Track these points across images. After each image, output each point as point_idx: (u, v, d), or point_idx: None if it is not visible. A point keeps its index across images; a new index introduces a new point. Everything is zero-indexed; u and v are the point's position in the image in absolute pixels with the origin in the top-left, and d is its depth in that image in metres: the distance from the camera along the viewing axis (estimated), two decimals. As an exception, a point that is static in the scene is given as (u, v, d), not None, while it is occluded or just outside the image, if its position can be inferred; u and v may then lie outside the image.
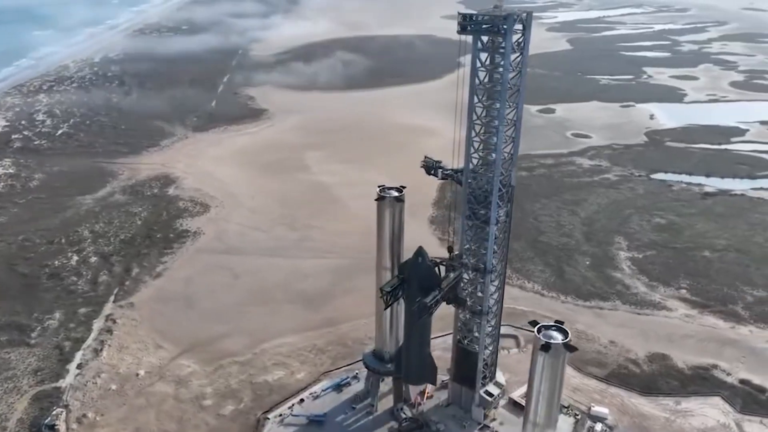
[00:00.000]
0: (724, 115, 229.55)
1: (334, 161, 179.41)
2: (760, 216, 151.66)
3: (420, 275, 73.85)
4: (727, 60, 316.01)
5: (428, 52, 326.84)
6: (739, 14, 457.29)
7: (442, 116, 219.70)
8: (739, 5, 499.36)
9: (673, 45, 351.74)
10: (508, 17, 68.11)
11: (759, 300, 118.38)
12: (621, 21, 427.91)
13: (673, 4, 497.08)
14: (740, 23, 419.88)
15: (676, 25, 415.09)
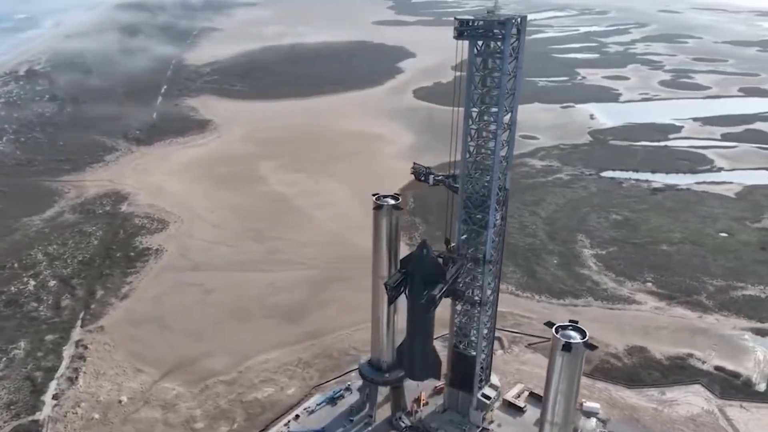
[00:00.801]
0: (658, 113, 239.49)
1: (289, 171, 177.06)
2: (708, 209, 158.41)
3: (425, 268, 73.36)
4: (652, 60, 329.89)
5: (366, 58, 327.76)
6: (656, 16, 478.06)
7: (391, 122, 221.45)
8: (654, 8, 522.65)
9: (600, 46, 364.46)
10: (506, 22, 68.64)
11: (719, 289, 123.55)
12: (548, 24, 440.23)
13: (594, 7, 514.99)
14: (659, 25, 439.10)
15: (600, 27, 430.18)
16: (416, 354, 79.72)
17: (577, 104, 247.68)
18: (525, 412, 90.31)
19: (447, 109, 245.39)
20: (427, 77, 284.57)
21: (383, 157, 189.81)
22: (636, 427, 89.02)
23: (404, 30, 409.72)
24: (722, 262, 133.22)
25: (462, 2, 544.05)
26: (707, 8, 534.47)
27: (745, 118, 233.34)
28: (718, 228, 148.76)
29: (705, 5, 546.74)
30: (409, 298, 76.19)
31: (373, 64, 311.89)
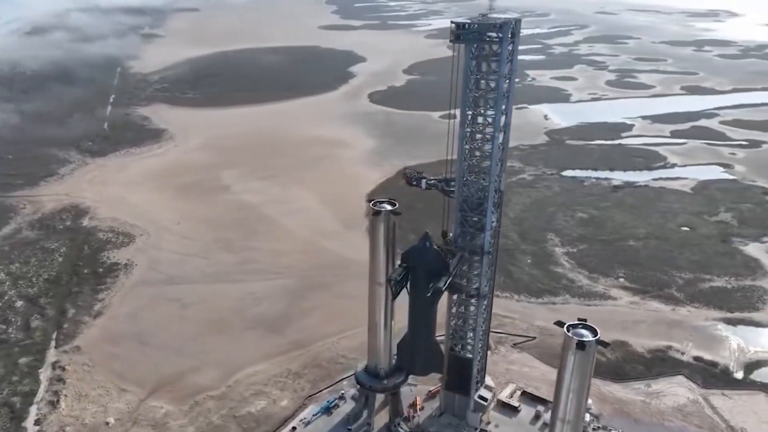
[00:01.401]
0: (608, 112, 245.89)
1: (252, 179, 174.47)
2: (667, 204, 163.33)
3: (428, 261, 73.17)
4: (596, 60, 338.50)
5: (317, 63, 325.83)
6: (594, 18, 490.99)
7: (350, 127, 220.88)
8: (592, 9, 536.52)
9: (545, 48, 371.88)
10: (504, 25, 69.24)
11: (688, 282, 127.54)
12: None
13: (535, 9, 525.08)
14: (598, 26, 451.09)
15: (542, 29, 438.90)
16: (418, 349, 79.25)
17: (530, 105, 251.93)
18: (519, 411, 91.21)
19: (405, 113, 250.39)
20: (381, 81, 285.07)
21: (347, 162, 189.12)
22: (627, 421, 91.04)
23: (351, 34, 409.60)
24: (687, 256, 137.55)
25: (405, 6, 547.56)
26: (641, 10, 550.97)
27: (690, 116, 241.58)
28: (679, 222, 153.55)
29: (639, 7, 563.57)
30: (412, 292, 75.72)
31: (324, 68, 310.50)
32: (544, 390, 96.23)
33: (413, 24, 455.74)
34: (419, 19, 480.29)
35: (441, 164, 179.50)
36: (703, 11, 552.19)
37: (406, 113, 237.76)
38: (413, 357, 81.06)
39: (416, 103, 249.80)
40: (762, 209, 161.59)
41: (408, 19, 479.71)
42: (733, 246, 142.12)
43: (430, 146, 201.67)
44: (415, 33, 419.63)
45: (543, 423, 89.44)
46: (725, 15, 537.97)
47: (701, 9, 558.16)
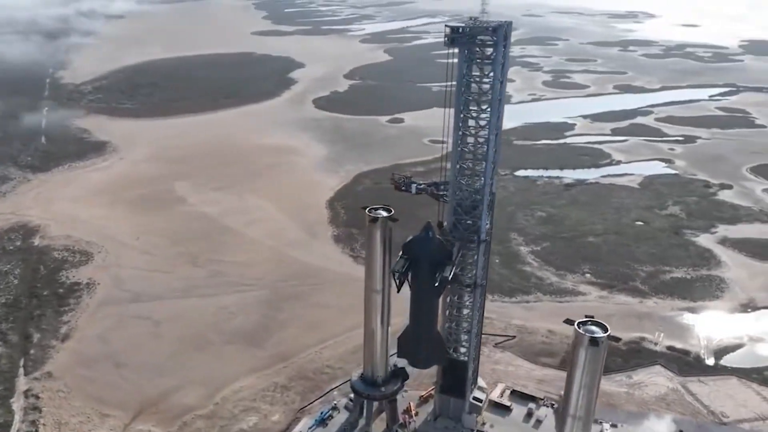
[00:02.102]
0: (549, 112, 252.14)
1: (207, 190, 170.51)
2: (618, 200, 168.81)
3: (431, 251, 73.06)
4: (531, 62, 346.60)
5: (255, 69, 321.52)
6: (523, 20, 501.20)
7: (299, 134, 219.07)
8: (519, 12, 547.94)
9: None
10: (499, 28, 70.17)
11: (650, 274, 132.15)
12: (425, 30, 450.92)
13: (463, 12, 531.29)
14: (527, 28, 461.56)
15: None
16: (421, 341, 78.82)
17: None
18: (512, 410, 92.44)
19: (352, 118, 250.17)
20: (323, 87, 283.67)
21: (301, 170, 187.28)
22: (616, 413, 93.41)
23: (285, 40, 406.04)
24: (645, 249, 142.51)
25: (336, 11, 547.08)
26: (565, 12, 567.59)
27: (627, 114, 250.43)
28: (633, 217, 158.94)
29: (562, 9, 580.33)
30: (415, 284, 75.23)
31: (263, 75, 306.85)
32: (532, 387, 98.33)
33: (347, 29, 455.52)
34: (352, 23, 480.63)
35: (396, 168, 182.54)
36: (622, 13, 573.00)
37: (354, 118, 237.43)
38: (416, 350, 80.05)
39: (362, 107, 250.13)
40: (707, 202, 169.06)
41: (341, 23, 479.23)
42: (686, 238, 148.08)
43: (382, 151, 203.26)
44: (349, 38, 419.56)
45: (536, 420, 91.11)
46: (643, 16, 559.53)
47: (621, 11, 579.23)
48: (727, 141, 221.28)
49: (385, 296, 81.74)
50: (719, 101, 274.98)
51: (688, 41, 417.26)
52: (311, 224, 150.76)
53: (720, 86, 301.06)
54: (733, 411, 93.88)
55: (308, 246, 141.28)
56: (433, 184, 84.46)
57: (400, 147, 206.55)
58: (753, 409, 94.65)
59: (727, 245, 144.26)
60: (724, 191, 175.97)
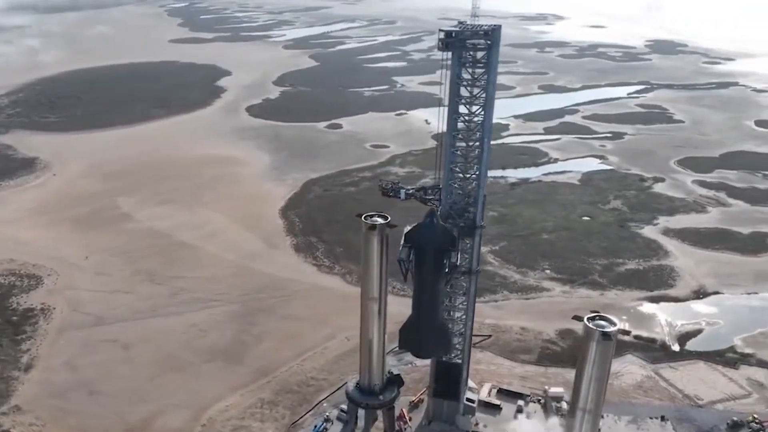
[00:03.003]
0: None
1: (152, 205, 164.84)
2: (563, 197, 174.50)
3: (436, 238, 72.83)
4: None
5: (179, 78, 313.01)
6: (440, 24, 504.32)
7: (239, 143, 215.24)
8: (434, 16, 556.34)
9: (404, 55, 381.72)
10: (493, 31, 71.42)
11: (605, 267, 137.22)
12: (347, 35, 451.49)
13: (381, 17, 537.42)
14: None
15: (394, 36, 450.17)
16: (425, 331, 78.61)
17: (408, 111, 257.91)
18: (502, 409, 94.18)
19: (290, 125, 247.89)
20: (253, 94, 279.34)
21: (247, 180, 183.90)
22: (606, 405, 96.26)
23: (207, 47, 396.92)
24: (596, 243, 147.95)
25: (253, 17, 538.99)
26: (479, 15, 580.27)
27: (555, 113, 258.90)
28: (579, 213, 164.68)
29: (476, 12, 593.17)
30: (419, 272, 74.95)
31: (190, 84, 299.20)
32: (517, 384, 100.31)
33: (267, 35, 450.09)
34: (271, 29, 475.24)
35: (342, 174, 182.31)
36: (532, 15, 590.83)
37: (291, 125, 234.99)
38: (420, 340, 79.55)
39: (297, 114, 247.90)
40: (644, 195, 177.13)
41: (260, 30, 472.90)
42: (632, 230, 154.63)
43: (326, 157, 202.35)
44: (272, 44, 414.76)
45: (526, 417, 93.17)
46: (553, 18, 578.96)
47: (531, 13, 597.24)
48: (651, 136, 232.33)
49: (382, 304, 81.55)
50: (637, 98, 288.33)
51: (598, 42, 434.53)
52: (269, 235, 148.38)
53: (635, 84, 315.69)
54: (705, 393, 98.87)
55: (269, 257, 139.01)
56: (421, 189, 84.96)
57: (343, 153, 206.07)
58: (723, 390, 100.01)
59: (671, 235, 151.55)
60: (658, 184, 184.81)
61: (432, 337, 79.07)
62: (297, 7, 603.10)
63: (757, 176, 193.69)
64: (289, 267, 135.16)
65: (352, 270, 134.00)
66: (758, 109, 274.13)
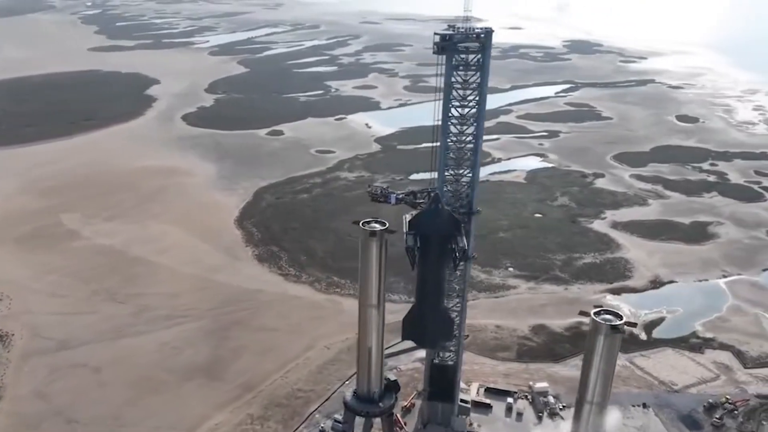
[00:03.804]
0: (419, 116, 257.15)
1: (99, 221, 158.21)
2: (512, 195, 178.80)
3: (441, 224, 73.22)
4: (385, 68, 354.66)
5: (106, 88, 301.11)
6: (362, 28, 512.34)
7: (180, 153, 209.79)
8: (356, 20, 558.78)
9: (333, 59, 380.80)
10: (487, 34, 72.31)
11: (565, 262, 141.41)
12: (272, 40, 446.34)
13: (304, 22, 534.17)
14: (370, 36, 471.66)
15: (320, 40, 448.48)
16: (429, 319, 78.47)
17: (347, 115, 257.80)
18: (492, 407, 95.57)
19: (230, 133, 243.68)
20: (187, 103, 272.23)
21: (194, 190, 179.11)
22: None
23: (129, 55, 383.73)
24: (552, 239, 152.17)
25: (173, 24, 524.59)
26: (399, 18, 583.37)
27: (490, 113, 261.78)
28: (531, 210, 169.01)
29: (395, 16, 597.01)
30: (423, 259, 74.71)
31: (118, 93, 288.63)
32: (501, 382, 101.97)
33: (190, 41, 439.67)
34: (193, 36, 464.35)
35: (292, 181, 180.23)
36: (451, 18, 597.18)
37: (232, 133, 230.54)
38: (423, 330, 79.47)
39: (235, 122, 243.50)
40: (588, 190, 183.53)
41: (182, 36, 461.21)
42: (583, 225, 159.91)
43: (272, 165, 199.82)
44: (196, 50, 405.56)
45: (516, 413, 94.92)
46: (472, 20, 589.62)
47: (450, 16, 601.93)
48: (584, 133, 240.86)
49: (381, 311, 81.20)
50: (565, 97, 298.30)
51: (519, 43, 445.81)
52: (228, 246, 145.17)
53: (561, 83, 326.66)
54: (678, 379, 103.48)
55: (232, 269, 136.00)
56: (411, 193, 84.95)
57: (289, 160, 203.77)
58: (693, 374, 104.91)
59: (619, 228, 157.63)
60: (598, 180, 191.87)
61: (436, 326, 78.93)
62: (216, 13, 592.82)
63: (687, 168, 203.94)
64: (255, 278, 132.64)
65: (319, 278, 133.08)
66: (677, 104, 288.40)
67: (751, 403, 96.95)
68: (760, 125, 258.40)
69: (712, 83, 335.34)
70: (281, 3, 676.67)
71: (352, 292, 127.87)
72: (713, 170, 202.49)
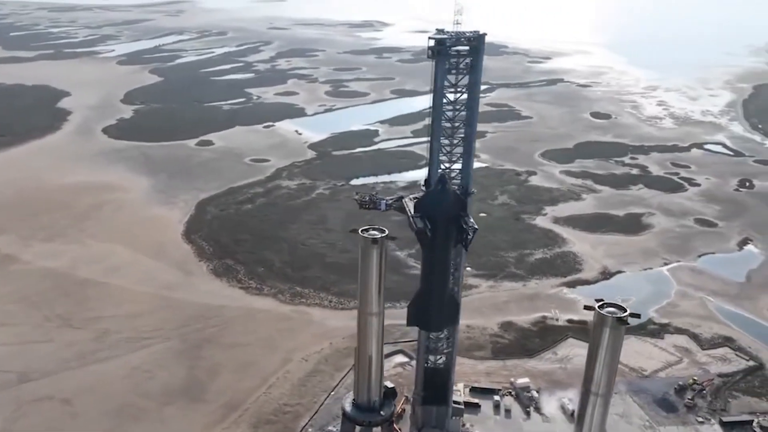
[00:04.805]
0: (347, 121, 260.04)
1: (37, 242, 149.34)
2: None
3: (448, 204, 74.32)
4: (303, 74, 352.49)
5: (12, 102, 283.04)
6: (272, 34, 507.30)
7: (108, 168, 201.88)
8: (263, 26, 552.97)
9: (248, 66, 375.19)
10: (479, 37, 73.74)
11: (518, 259, 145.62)
12: (181, 48, 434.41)
13: (211, 29, 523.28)
14: (281, 41, 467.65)
15: (231, 47, 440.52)
16: (437, 303, 79.29)
17: (275, 123, 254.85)
18: (480, 406, 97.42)
19: (157, 145, 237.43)
20: (105, 115, 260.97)
21: (132, 205, 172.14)
22: (564, 388, 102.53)
23: (30, 67, 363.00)
24: (501, 237, 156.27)
25: (70, 33, 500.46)
26: (307, 24, 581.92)
27: (416, 116, 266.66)
28: (475, 210, 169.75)
29: (303, 21, 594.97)
30: (431, 241, 75.05)
31: (27, 107, 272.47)
32: (484, 381, 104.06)
33: (93, 51, 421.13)
34: (96, 45, 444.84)
35: (233, 192, 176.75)
36: (359, 22, 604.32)
37: (159, 145, 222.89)
38: (429, 314, 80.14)
39: (161, 133, 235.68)
40: (524, 188, 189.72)
41: (83, 45, 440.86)
42: (527, 222, 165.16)
43: (208, 176, 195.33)
44: (103, 60, 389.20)
45: (504, 410, 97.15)
46: (379, 25, 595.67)
47: (357, 20, 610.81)
48: (509, 133, 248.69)
49: (381, 319, 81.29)
50: (484, 97, 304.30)
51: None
52: (180, 262, 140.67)
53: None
54: (646, 364, 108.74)
55: (189, 286, 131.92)
56: (399, 199, 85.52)
57: (224, 170, 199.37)
58: (659, 359, 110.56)
59: (561, 224, 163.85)
60: (532, 177, 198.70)
61: (442, 310, 79.81)
62: (115, 21, 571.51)
63: (610, 163, 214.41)
64: (215, 293, 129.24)
65: (282, 289, 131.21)
66: (588, 102, 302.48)
67: (715, 383, 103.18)
68: (666, 119, 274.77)
69: (616, 81, 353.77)
70: (182, 10, 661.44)
71: (317, 302, 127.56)
72: (634, 164, 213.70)
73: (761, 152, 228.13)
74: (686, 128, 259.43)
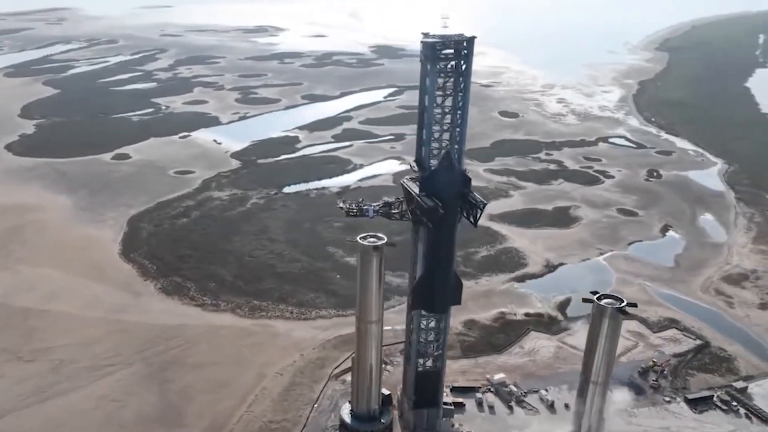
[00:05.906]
0: (265, 128, 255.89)
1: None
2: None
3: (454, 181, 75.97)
4: (208, 82, 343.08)
5: None
6: (165, 41, 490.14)
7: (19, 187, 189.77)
8: (154, 33, 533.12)
9: (147, 75, 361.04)
10: (469, 41, 75.49)
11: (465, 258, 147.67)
12: (72, 58, 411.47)
13: (99, 37, 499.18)
14: (177, 48, 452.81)
15: (125, 56, 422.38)
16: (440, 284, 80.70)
17: (190, 132, 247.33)
18: (465, 405, 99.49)
19: (70, 161, 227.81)
20: (2, 131, 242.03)
21: (56, 226, 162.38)
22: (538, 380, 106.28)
23: None
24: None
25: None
26: (199, 30, 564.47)
27: (333, 121, 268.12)
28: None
29: (195, 27, 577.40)
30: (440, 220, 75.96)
31: None
32: (461, 380, 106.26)
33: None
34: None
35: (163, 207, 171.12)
36: (253, 27, 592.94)
37: (72, 161, 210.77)
38: (433, 295, 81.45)
39: (70, 148, 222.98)
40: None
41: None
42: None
43: (133, 191, 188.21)
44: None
45: (488, 406, 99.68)
46: (274, 30, 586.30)
47: (251, 26, 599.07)
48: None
49: (380, 327, 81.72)
50: (394, 100, 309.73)
51: (329, 50, 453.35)
52: (124, 283, 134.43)
53: (384, 87, 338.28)
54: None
55: (139, 307, 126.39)
56: (386, 205, 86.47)
57: (149, 184, 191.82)
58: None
59: (497, 221, 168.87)
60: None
61: (446, 291, 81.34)
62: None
63: (528, 159, 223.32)
64: (170, 312, 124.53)
65: (239, 303, 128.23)
66: (494, 101, 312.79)
67: (672, 363, 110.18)
68: (569, 116, 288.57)
69: (516, 80, 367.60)
70: (64, 17, 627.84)
71: (278, 314, 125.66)
72: (550, 159, 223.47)
73: (660, 144, 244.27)
74: (588, 123, 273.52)
